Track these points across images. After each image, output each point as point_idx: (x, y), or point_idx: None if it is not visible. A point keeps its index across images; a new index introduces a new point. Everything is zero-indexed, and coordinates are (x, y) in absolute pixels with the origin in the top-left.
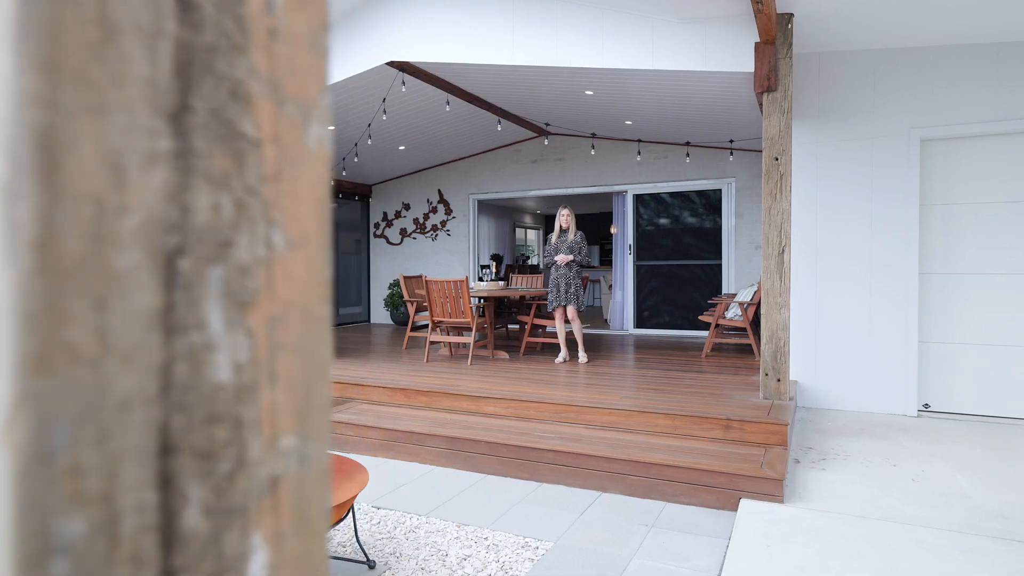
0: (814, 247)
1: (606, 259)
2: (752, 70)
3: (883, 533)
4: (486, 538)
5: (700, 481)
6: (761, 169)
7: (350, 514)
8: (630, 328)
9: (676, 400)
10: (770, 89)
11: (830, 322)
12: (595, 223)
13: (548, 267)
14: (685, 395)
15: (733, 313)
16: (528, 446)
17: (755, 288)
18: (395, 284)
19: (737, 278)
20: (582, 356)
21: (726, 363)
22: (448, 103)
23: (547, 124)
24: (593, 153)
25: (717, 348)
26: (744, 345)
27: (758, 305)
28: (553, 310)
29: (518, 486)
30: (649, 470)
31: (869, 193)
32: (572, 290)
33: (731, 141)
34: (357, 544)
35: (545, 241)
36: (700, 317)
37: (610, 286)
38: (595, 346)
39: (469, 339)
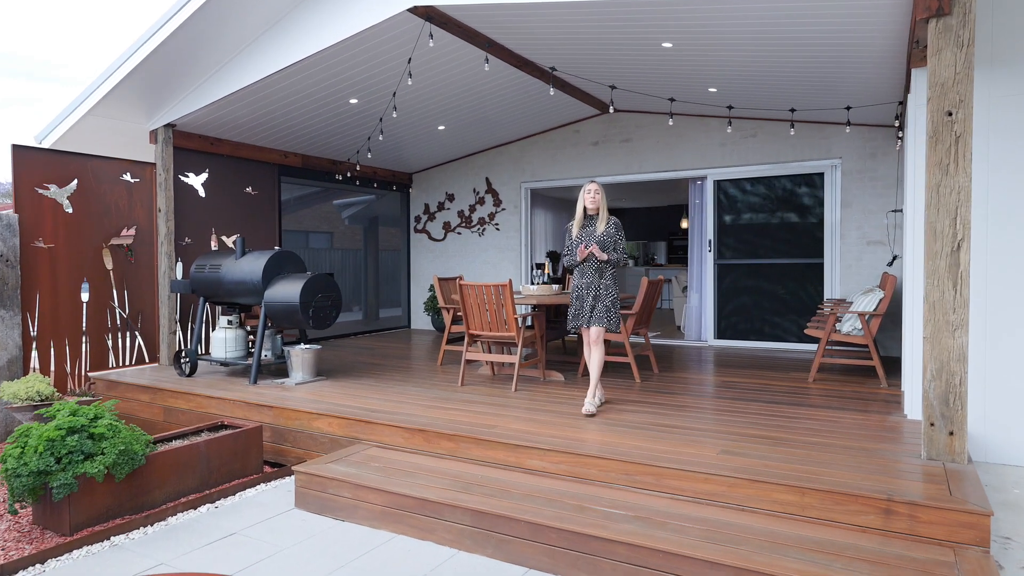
0: (982, 239)
1: (675, 257)
2: None
3: None
4: None
5: None
6: (871, 149)
7: None
8: (709, 339)
9: (799, 458)
10: (940, 13)
11: (1011, 343)
12: (663, 217)
13: (571, 269)
14: (810, 449)
15: (850, 326)
16: (588, 533)
17: (879, 295)
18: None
19: (843, 280)
20: (589, 402)
21: (843, 391)
22: (487, 61)
23: (613, 87)
24: (671, 124)
25: (821, 367)
26: (854, 366)
27: (882, 316)
28: (575, 331)
29: None
30: None
31: None
32: (604, 303)
33: (848, 108)
34: None
35: (565, 233)
36: (807, 331)
37: (684, 288)
38: (668, 362)
39: (514, 358)
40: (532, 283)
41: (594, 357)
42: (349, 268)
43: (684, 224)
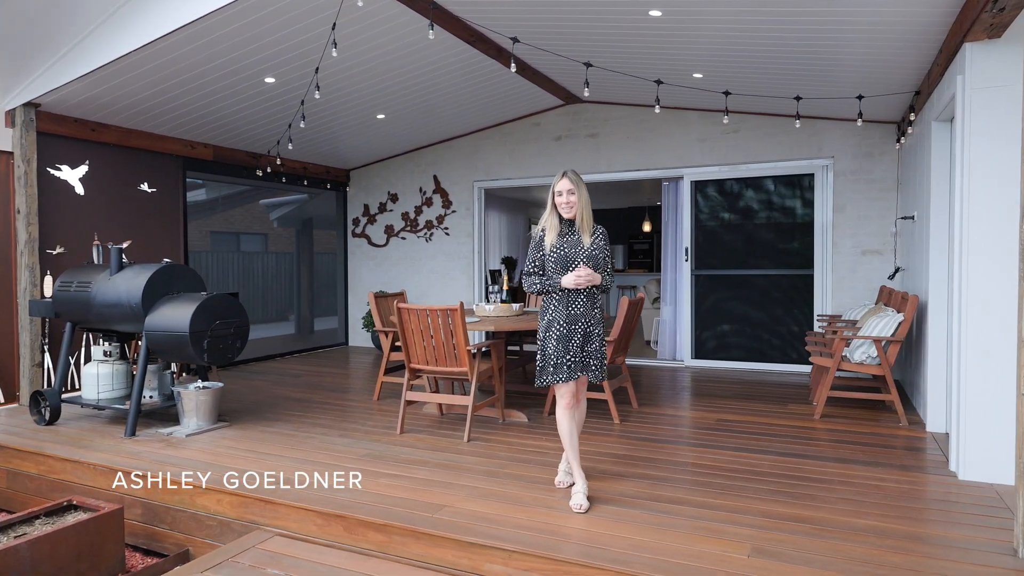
0: None
1: (635, 262)
2: None
3: None
4: None
5: None
6: (867, 147)
7: None
8: (686, 358)
9: (860, 561)
10: None
11: None
12: (623, 219)
13: (545, 292)
14: (868, 544)
15: (863, 354)
16: None
17: (894, 317)
18: None
19: (835, 293)
20: (582, 493)
21: (861, 433)
22: (432, 27)
23: (588, 65)
24: (658, 111)
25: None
26: (858, 399)
27: (901, 343)
28: (552, 386)
29: None
30: None
31: None
32: (594, 344)
33: (860, 97)
34: None
35: (531, 243)
36: (812, 359)
37: (654, 300)
38: (645, 390)
39: (467, 400)
40: (487, 301)
41: (577, 419)
42: (284, 273)
43: (647, 227)
